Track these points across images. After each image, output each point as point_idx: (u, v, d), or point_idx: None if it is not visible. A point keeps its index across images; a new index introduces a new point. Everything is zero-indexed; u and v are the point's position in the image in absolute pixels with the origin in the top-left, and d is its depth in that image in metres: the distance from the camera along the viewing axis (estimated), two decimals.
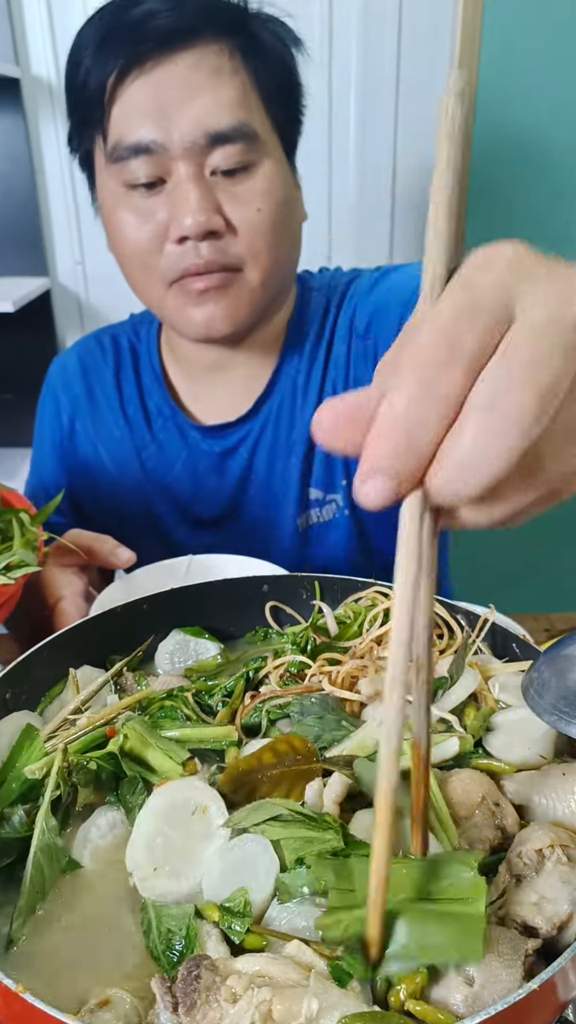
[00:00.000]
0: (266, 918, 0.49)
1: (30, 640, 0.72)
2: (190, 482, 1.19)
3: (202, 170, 0.93)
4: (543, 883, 0.50)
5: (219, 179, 0.94)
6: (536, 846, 0.52)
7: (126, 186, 0.96)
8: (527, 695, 0.62)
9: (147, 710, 0.67)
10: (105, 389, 1.22)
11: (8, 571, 0.81)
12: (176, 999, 0.42)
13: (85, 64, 0.94)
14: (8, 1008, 0.42)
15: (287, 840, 0.51)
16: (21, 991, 0.40)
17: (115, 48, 0.91)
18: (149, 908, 0.50)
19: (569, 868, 0.51)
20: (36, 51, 1.99)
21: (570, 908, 0.49)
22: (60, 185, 2.12)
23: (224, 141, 0.91)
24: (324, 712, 0.65)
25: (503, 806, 0.57)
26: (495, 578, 2.39)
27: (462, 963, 0.43)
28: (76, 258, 2.18)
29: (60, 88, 2.02)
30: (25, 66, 2.00)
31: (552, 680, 0.61)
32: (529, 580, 2.43)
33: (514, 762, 0.60)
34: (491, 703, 0.66)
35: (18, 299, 1.90)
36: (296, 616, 0.83)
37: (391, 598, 0.62)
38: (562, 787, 0.57)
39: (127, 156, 0.93)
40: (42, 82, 2.03)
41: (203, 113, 0.90)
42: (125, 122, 0.92)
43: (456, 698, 0.65)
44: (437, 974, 0.44)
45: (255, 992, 0.41)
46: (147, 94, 0.90)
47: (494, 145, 2.04)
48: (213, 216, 0.93)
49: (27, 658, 0.69)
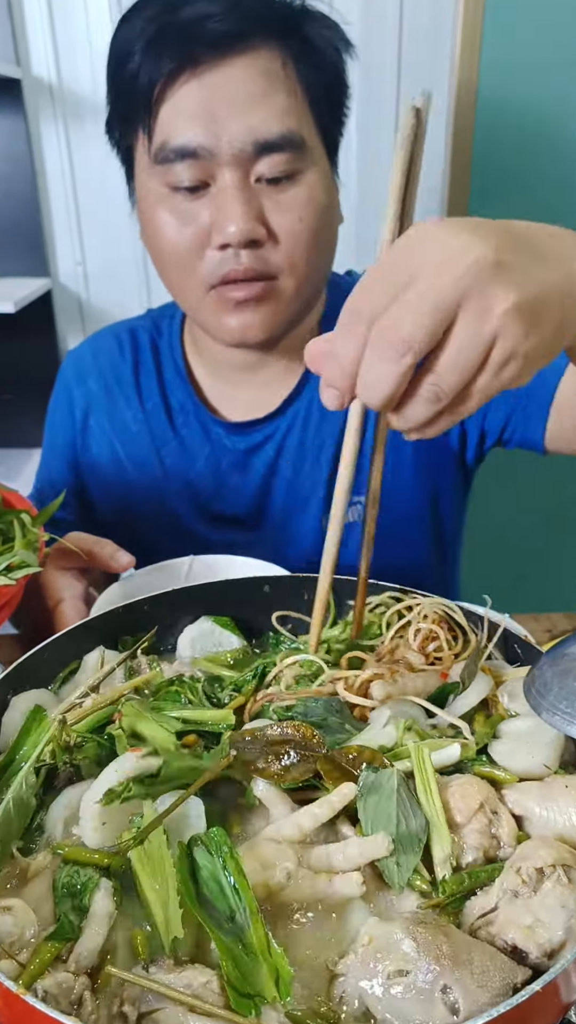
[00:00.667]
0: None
1: (31, 639, 0.72)
2: (212, 479, 1.18)
3: (248, 177, 0.92)
4: (539, 904, 0.49)
5: (263, 186, 0.93)
6: (537, 864, 0.51)
7: (169, 187, 0.95)
8: (529, 695, 0.62)
9: (156, 695, 0.68)
10: (123, 384, 1.20)
11: (9, 572, 0.81)
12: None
13: (135, 60, 0.92)
14: (9, 1010, 0.42)
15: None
16: (23, 993, 0.40)
17: (167, 48, 0.89)
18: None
19: (569, 891, 0.49)
20: (37, 52, 1.99)
21: (564, 936, 0.47)
22: (61, 186, 2.12)
23: (272, 150, 0.91)
24: (328, 714, 0.64)
25: (501, 815, 0.56)
26: (496, 578, 2.39)
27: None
28: (77, 259, 2.18)
29: (61, 89, 2.03)
30: (26, 67, 2.00)
31: (554, 681, 0.60)
32: (530, 580, 2.43)
33: (517, 770, 0.60)
34: (501, 711, 0.66)
35: (19, 300, 1.89)
36: (304, 619, 0.82)
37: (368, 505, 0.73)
38: (564, 799, 0.56)
39: (173, 159, 0.92)
40: (43, 83, 2.03)
41: (254, 121, 0.89)
42: (173, 124, 0.91)
43: (467, 703, 0.65)
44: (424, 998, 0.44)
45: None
46: (198, 97, 0.89)
47: (495, 146, 2.04)
48: (257, 225, 0.93)
49: (27, 659, 0.70)
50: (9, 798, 0.56)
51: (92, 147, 2.08)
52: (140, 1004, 0.44)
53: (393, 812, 0.53)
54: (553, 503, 2.37)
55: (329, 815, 0.54)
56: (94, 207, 2.13)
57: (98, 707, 0.64)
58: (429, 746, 0.59)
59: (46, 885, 0.51)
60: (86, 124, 2.06)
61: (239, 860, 0.50)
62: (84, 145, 2.08)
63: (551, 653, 0.64)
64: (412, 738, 0.61)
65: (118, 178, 1.09)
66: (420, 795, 0.56)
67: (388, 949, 0.46)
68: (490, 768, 0.60)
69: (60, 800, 0.58)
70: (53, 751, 0.59)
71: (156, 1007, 0.44)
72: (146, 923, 0.49)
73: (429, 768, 0.57)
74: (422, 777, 0.57)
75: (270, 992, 0.44)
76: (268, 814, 0.57)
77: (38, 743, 0.59)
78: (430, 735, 0.63)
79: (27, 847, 0.56)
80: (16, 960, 0.45)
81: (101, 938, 0.48)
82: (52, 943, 0.46)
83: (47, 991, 0.44)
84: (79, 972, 0.46)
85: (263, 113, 0.89)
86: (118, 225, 2.13)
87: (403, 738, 0.61)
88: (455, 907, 0.52)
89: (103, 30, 1.95)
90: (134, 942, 0.48)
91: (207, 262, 0.96)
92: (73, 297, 2.23)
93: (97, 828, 0.53)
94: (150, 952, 0.47)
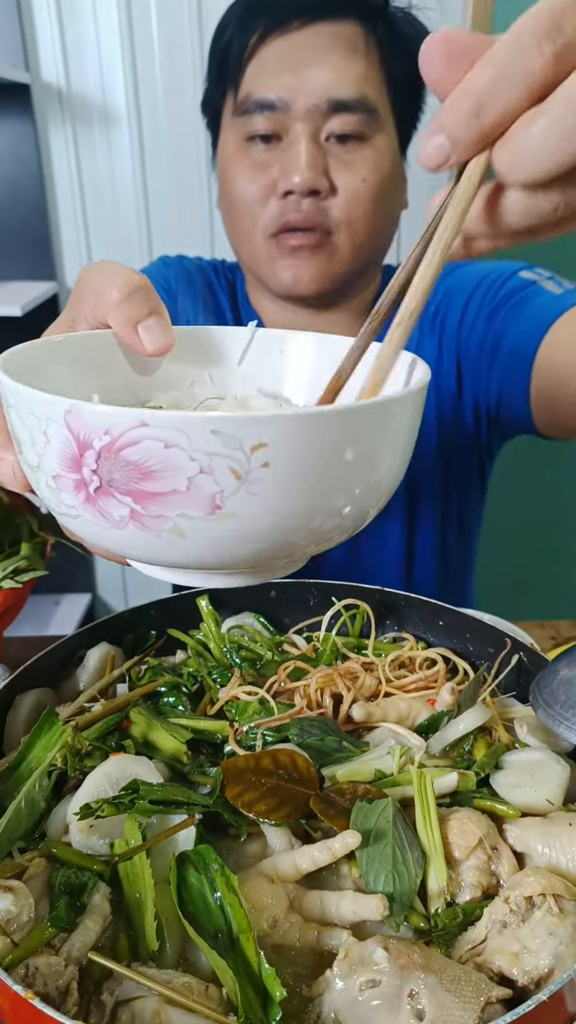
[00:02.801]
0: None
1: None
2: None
3: (318, 133, 0.97)
4: (528, 933, 0.47)
5: (332, 144, 0.98)
6: (527, 892, 0.49)
7: (246, 138, 1.01)
8: (534, 704, 0.62)
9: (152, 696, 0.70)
10: (219, 312, 1.19)
11: (16, 575, 0.81)
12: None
13: (230, 30, 1.00)
14: (15, 1013, 0.42)
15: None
16: (30, 997, 0.40)
17: (259, 14, 0.97)
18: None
19: (558, 920, 0.48)
20: (46, 58, 2.00)
21: (551, 963, 0.46)
22: (68, 190, 2.13)
23: (344, 109, 0.96)
24: (324, 734, 0.64)
25: (501, 851, 0.54)
26: (502, 586, 2.39)
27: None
28: (84, 263, 2.19)
29: (70, 94, 2.04)
30: (35, 72, 2.01)
31: (560, 689, 0.60)
32: (536, 588, 2.43)
33: (518, 804, 0.57)
34: (504, 740, 0.64)
35: (26, 303, 1.90)
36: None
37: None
38: (568, 837, 0.53)
39: (253, 110, 0.98)
40: (52, 88, 2.04)
41: (330, 80, 0.95)
42: (258, 78, 0.97)
43: (457, 730, 0.64)
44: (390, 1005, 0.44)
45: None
46: (281, 54, 0.96)
47: None
48: (320, 177, 0.97)
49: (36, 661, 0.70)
50: (22, 796, 0.56)
51: (100, 152, 2.09)
52: (118, 994, 0.45)
53: (390, 852, 0.52)
54: (556, 511, 2.37)
55: (328, 861, 0.53)
56: (101, 211, 2.14)
57: (107, 713, 0.64)
58: (428, 774, 0.58)
59: (42, 885, 0.51)
60: (94, 129, 2.07)
61: (231, 877, 0.50)
62: (92, 150, 2.09)
63: (557, 661, 0.64)
64: (410, 765, 0.60)
65: (125, 182, 1.10)
66: (419, 825, 0.55)
67: (362, 962, 0.45)
68: (491, 801, 0.58)
69: (64, 806, 0.58)
70: (64, 756, 0.59)
71: (134, 995, 0.44)
72: (132, 931, 0.50)
73: (431, 796, 0.56)
74: (423, 806, 0.55)
75: (256, 1014, 0.44)
76: (263, 841, 0.57)
77: (49, 746, 0.59)
78: (424, 764, 0.61)
79: (28, 849, 0.56)
80: (11, 939, 0.46)
81: (95, 934, 0.48)
82: (48, 927, 0.47)
83: (37, 968, 0.45)
84: (69, 963, 0.46)
85: (340, 75, 0.95)
86: (125, 229, 2.14)
87: (401, 765, 0.60)
88: (447, 940, 0.50)
89: (112, 36, 1.97)
90: (119, 946, 0.49)
91: (270, 208, 1.01)
92: None
93: (83, 830, 0.54)
94: (132, 959, 0.48)
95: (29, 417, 0.40)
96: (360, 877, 0.52)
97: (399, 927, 0.50)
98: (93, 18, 1.95)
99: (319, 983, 0.47)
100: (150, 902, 0.49)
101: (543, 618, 1.14)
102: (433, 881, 0.52)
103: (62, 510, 0.42)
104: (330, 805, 0.56)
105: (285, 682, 0.71)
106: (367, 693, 0.71)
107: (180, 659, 0.78)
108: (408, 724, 0.67)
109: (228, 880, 0.49)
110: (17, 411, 0.41)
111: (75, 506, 0.40)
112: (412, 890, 0.51)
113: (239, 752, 0.63)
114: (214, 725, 0.66)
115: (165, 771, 0.61)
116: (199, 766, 0.63)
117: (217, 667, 0.74)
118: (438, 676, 0.73)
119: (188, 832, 0.54)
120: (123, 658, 0.75)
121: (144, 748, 0.63)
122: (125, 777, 0.57)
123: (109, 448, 0.37)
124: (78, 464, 0.38)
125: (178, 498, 0.37)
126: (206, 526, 0.38)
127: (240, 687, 0.70)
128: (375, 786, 0.58)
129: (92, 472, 0.38)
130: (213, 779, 0.59)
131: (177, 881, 0.50)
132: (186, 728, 0.65)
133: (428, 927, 0.51)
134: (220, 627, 0.79)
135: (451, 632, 0.78)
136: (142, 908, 0.49)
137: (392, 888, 0.51)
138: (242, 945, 0.47)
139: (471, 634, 0.77)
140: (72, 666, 0.75)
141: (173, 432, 0.36)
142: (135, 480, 0.37)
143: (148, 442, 0.36)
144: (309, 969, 0.50)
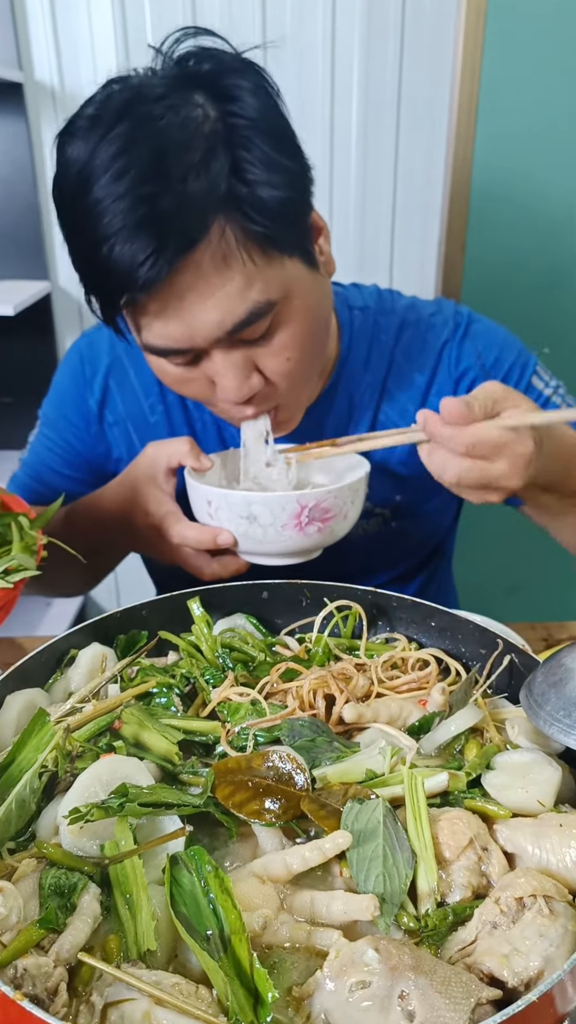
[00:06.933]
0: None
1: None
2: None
3: (233, 348, 0.94)
4: (518, 934, 0.47)
5: (250, 346, 0.94)
6: (517, 893, 0.49)
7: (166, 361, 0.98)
8: (526, 706, 0.62)
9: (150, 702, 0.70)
10: (143, 375, 1.19)
11: (7, 575, 0.81)
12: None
13: (98, 286, 0.93)
14: (4, 1014, 0.42)
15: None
16: (19, 999, 0.40)
17: (116, 287, 0.89)
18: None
19: (549, 921, 0.48)
20: (39, 56, 2.00)
21: (541, 965, 0.46)
22: None
23: (245, 326, 0.91)
24: (315, 735, 0.64)
25: (491, 851, 0.54)
26: (494, 587, 2.39)
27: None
28: None
29: (63, 93, 2.03)
30: (28, 71, 2.01)
31: (551, 691, 0.60)
32: (527, 589, 2.43)
33: (510, 805, 0.57)
34: (497, 741, 0.64)
35: (18, 303, 1.89)
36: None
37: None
38: (558, 838, 0.54)
39: (159, 353, 0.95)
40: (45, 87, 2.03)
41: (216, 316, 0.89)
42: (150, 331, 0.93)
43: (449, 731, 0.64)
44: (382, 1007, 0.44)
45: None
46: (161, 306, 0.89)
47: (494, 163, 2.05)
48: (254, 381, 0.96)
49: (27, 661, 0.70)
50: (12, 797, 0.56)
51: None
52: (108, 995, 0.45)
53: (380, 852, 0.52)
54: None
55: (319, 862, 0.53)
56: None
57: (98, 714, 0.64)
58: (418, 774, 0.58)
59: (32, 886, 0.51)
60: None
61: (224, 879, 0.49)
62: None
63: (548, 663, 0.65)
64: (401, 765, 0.60)
65: None
66: (410, 825, 0.55)
67: (353, 963, 0.45)
68: (482, 802, 0.58)
69: (54, 807, 0.58)
70: (55, 758, 0.59)
71: (124, 997, 0.44)
72: (122, 932, 0.50)
73: (421, 797, 0.56)
74: (414, 806, 0.55)
75: (247, 1016, 0.44)
76: (254, 841, 0.57)
77: (40, 747, 0.59)
78: (416, 764, 0.61)
79: (18, 850, 0.56)
80: (0, 940, 0.46)
81: (84, 936, 0.48)
82: (37, 928, 0.47)
83: (26, 969, 0.44)
84: (58, 964, 0.46)
85: (223, 305, 0.89)
86: None
87: (392, 766, 0.60)
88: (436, 940, 0.50)
89: (106, 35, 1.96)
90: (108, 947, 0.49)
91: (216, 404, 1.01)
92: (72, 301, 2.23)
93: (74, 831, 0.54)
94: (122, 960, 0.48)
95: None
96: (351, 877, 0.52)
97: (388, 928, 0.50)
98: (87, 17, 1.94)
99: (310, 984, 0.47)
100: (145, 901, 0.49)
101: (535, 619, 1.15)
102: (423, 881, 0.52)
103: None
104: (321, 806, 0.56)
105: (277, 683, 0.71)
106: (359, 694, 0.71)
107: (172, 660, 0.78)
108: (400, 725, 0.67)
109: (222, 882, 0.49)
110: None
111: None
112: (402, 890, 0.51)
113: (231, 753, 0.63)
114: (206, 726, 0.66)
115: (156, 772, 0.61)
116: (191, 767, 0.63)
117: (209, 668, 0.74)
118: (430, 677, 0.73)
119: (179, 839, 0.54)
120: (115, 659, 0.75)
121: (136, 749, 0.63)
122: (116, 778, 0.57)
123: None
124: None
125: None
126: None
127: (232, 688, 0.70)
128: (365, 786, 0.59)
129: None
130: (204, 780, 0.59)
131: (169, 882, 0.50)
132: (178, 729, 0.65)
133: (418, 927, 0.51)
134: (212, 629, 0.78)
135: (443, 633, 0.79)
136: (136, 908, 0.49)
137: (383, 888, 0.51)
138: (234, 946, 0.47)
139: (463, 635, 0.77)
140: (63, 667, 0.75)
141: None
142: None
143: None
144: (300, 970, 0.49)
